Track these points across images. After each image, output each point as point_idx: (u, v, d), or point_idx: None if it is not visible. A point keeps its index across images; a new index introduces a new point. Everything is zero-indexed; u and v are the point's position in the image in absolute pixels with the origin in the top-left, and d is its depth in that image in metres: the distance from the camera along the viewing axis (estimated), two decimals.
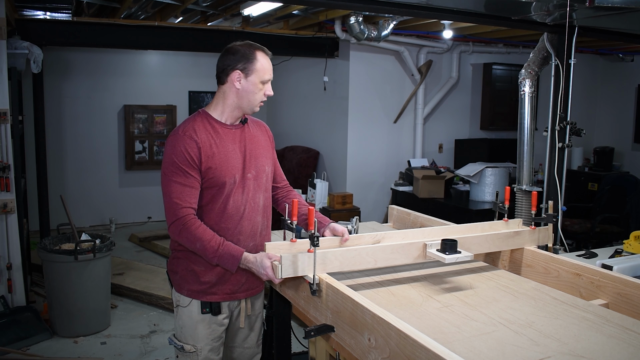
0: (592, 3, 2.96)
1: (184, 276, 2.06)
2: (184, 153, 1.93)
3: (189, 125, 2.00)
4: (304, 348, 2.88)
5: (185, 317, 2.08)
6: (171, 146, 1.97)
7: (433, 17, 4.13)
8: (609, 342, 1.46)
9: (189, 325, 2.07)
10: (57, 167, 6.69)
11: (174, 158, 1.94)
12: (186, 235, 1.93)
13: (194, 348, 2.06)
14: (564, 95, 3.78)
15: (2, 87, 3.78)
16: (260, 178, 2.11)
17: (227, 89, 2.02)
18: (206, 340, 2.07)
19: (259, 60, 1.99)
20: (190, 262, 2.04)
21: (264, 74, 2.00)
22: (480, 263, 2.21)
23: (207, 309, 2.05)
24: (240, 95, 2.01)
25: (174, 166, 1.94)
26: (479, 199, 5.08)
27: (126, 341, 3.88)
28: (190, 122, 2.02)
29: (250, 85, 1.99)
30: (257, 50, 2.01)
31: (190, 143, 1.94)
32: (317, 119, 6.64)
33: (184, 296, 2.07)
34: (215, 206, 2.00)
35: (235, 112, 2.06)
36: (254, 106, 2.04)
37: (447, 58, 6.32)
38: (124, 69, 7.11)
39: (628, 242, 2.86)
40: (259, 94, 2.02)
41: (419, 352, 1.25)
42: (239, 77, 1.99)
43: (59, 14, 4.83)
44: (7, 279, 3.87)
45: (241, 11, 4.98)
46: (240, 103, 2.02)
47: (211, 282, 2.04)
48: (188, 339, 2.07)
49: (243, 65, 1.98)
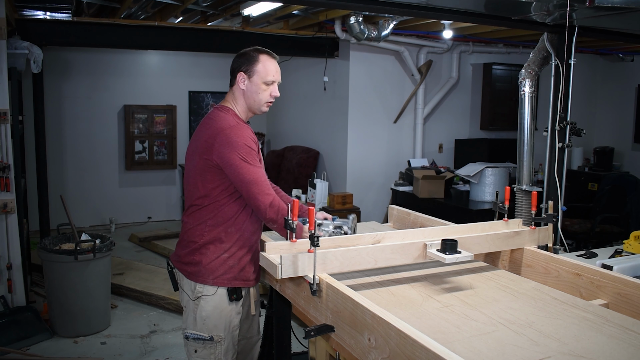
0: (592, 3, 2.96)
1: (208, 265, 2.09)
2: (252, 139, 2.04)
3: (235, 117, 2.10)
4: (304, 348, 2.88)
5: (209, 307, 2.10)
6: (236, 134, 2.02)
7: (433, 17, 4.13)
8: (609, 342, 1.46)
9: (214, 315, 2.10)
10: (57, 167, 6.69)
11: (246, 143, 2.01)
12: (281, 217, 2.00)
13: (219, 337, 2.11)
14: (564, 95, 3.78)
15: (2, 87, 3.78)
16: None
17: (235, 90, 2.15)
18: (230, 329, 2.14)
19: (261, 62, 2.10)
20: (217, 249, 2.09)
21: (266, 75, 2.10)
22: (480, 263, 2.21)
23: (234, 295, 2.11)
24: (246, 95, 2.13)
25: (250, 152, 2.01)
26: (479, 199, 5.08)
27: (126, 341, 3.88)
28: (230, 114, 2.11)
29: (253, 86, 2.10)
30: (261, 54, 2.12)
31: (253, 135, 2.07)
32: (317, 119, 6.64)
33: (209, 285, 2.09)
34: (249, 209, 2.10)
35: (248, 113, 2.17)
36: (260, 106, 2.14)
37: (447, 58, 6.32)
38: (124, 69, 7.11)
39: (628, 242, 2.86)
40: (263, 94, 2.11)
41: (419, 352, 1.25)
42: (243, 78, 2.11)
43: (59, 14, 4.83)
44: (7, 279, 3.87)
45: (241, 11, 4.98)
46: (248, 103, 2.14)
47: (235, 267, 2.11)
48: (212, 330, 2.10)
49: (246, 67, 2.11)
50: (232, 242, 2.10)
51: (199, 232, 2.10)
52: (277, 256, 1.74)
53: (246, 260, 2.14)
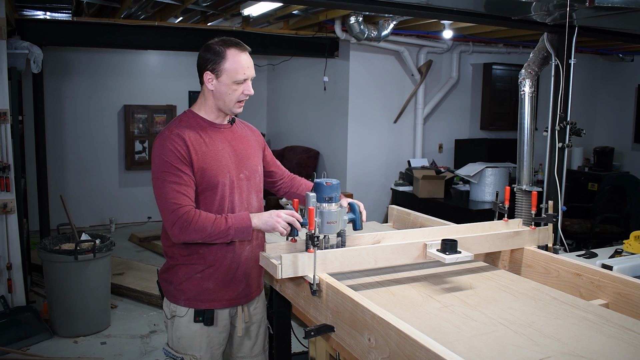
0: (592, 3, 2.96)
1: (179, 285, 1.97)
2: (173, 151, 1.83)
3: (175, 125, 1.91)
4: (304, 348, 2.88)
5: (182, 327, 1.98)
6: (159, 147, 1.86)
7: (433, 17, 4.13)
8: (609, 342, 1.46)
9: (187, 336, 1.98)
10: (57, 167, 6.69)
11: (164, 158, 1.83)
12: (192, 230, 1.81)
13: (193, 358, 1.99)
14: (564, 95, 3.78)
15: (2, 87, 3.78)
16: (252, 178, 2.04)
17: (205, 90, 1.94)
18: (206, 348, 2.01)
19: (229, 59, 1.86)
20: (189, 270, 1.96)
21: (236, 74, 1.87)
22: (480, 263, 2.20)
23: (200, 317, 1.97)
24: (215, 96, 1.92)
25: (166, 166, 1.83)
26: (479, 199, 5.08)
27: (126, 341, 3.88)
28: (177, 121, 1.94)
29: (222, 87, 1.89)
30: (228, 48, 1.87)
31: (178, 141, 1.84)
32: (317, 119, 6.64)
33: (181, 306, 1.98)
34: (210, 210, 1.90)
35: (219, 113, 1.97)
36: (232, 107, 1.93)
37: (447, 58, 6.32)
38: (124, 69, 7.11)
39: (628, 242, 2.86)
40: (234, 94, 1.90)
41: (419, 352, 1.25)
42: (210, 78, 1.89)
43: (59, 14, 4.84)
44: (7, 279, 3.87)
45: (241, 11, 4.98)
46: (218, 104, 1.93)
47: (210, 288, 1.97)
48: (187, 349, 1.99)
49: (212, 65, 1.87)
50: (204, 263, 1.95)
51: (171, 252, 2.00)
52: (277, 256, 1.74)
53: (217, 280, 1.97)
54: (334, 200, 1.83)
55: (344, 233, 1.90)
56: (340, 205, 1.86)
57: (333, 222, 1.82)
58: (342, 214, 1.86)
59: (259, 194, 2.10)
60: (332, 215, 1.82)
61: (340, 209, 1.85)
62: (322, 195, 1.82)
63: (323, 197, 1.81)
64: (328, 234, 1.85)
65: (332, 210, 1.82)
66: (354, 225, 1.98)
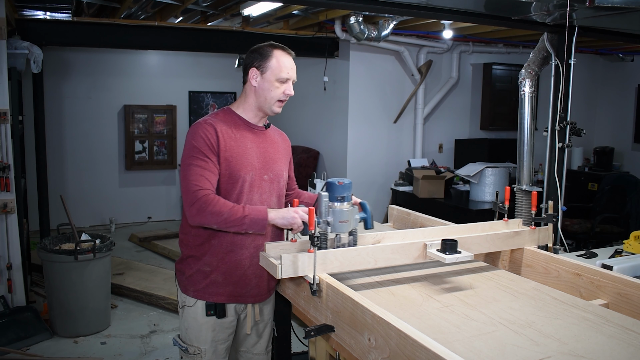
0: (592, 3, 2.96)
1: (191, 277, 2.04)
2: (203, 138, 1.92)
3: (210, 117, 2.01)
4: (304, 348, 2.88)
5: (190, 318, 2.05)
6: (191, 134, 1.96)
7: (433, 17, 4.13)
8: (609, 342, 1.46)
9: (194, 327, 2.05)
10: (57, 167, 6.69)
11: (193, 143, 1.93)
12: (209, 213, 1.85)
13: (198, 350, 2.04)
14: (564, 95, 3.78)
15: (2, 87, 3.78)
16: (276, 182, 2.09)
17: (247, 87, 2.05)
18: (211, 342, 2.05)
19: (275, 58, 1.99)
20: (199, 262, 2.02)
21: (280, 72, 1.99)
22: (480, 263, 2.20)
23: (211, 311, 2.02)
24: (257, 93, 2.02)
25: (194, 150, 1.92)
26: (479, 199, 5.08)
27: (126, 341, 3.88)
28: (213, 115, 2.04)
29: (265, 83, 1.99)
30: (275, 49, 2.02)
31: (209, 129, 1.94)
32: (317, 119, 6.64)
33: (190, 297, 2.05)
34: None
35: (257, 112, 2.06)
36: (272, 105, 2.02)
37: (447, 58, 6.32)
38: (124, 69, 7.11)
39: (628, 242, 2.86)
40: (275, 92, 2.00)
41: (419, 352, 1.25)
42: (255, 74, 2.00)
43: (59, 14, 4.84)
44: (7, 279, 3.87)
45: (241, 11, 4.98)
46: (259, 102, 2.03)
47: (218, 281, 2.01)
48: (193, 340, 2.05)
49: (259, 62, 1.99)
50: (214, 255, 2.00)
51: (186, 240, 2.05)
52: (277, 256, 1.74)
53: (225, 273, 2.01)
54: (346, 200, 1.86)
55: (356, 232, 1.92)
56: (352, 205, 1.88)
57: (345, 221, 1.85)
58: (353, 213, 1.88)
59: (281, 198, 2.15)
60: (344, 214, 1.84)
61: (352, 208, 1.88)
62: (334, 194, 1.86)
63: (335, 196, 1.85)
64: (340, 233, 1.87)
65: (344, 209, 1.84)
66: (365, 224, 2.00)
